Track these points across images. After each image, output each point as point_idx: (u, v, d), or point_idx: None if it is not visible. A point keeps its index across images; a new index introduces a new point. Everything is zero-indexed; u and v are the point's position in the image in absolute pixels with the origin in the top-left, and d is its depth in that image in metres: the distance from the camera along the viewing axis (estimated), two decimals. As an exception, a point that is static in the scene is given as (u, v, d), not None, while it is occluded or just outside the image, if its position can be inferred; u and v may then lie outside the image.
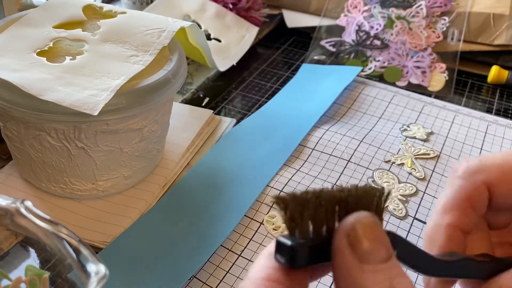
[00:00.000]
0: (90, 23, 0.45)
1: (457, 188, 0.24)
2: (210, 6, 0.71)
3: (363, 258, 0.18)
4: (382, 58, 0.66)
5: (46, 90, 0.36)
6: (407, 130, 0.55)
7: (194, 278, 0.38)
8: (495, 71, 0.66)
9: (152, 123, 0.42)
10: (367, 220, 0.19)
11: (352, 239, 0.19)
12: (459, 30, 0.67)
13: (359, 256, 0.18)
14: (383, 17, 0.68)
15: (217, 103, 0.60)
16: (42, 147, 0.40)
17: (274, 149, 0.50)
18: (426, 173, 0.49)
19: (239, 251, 0.40)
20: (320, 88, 0.61)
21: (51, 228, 0.27)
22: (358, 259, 0.18)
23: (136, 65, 0.40)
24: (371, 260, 0.18)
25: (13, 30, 0.42)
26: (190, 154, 0.50)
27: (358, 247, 0.18)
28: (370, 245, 0.18)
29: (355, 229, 0.19)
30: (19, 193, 0.44)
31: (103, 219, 0.42)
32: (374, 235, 0.19)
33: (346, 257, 0.19)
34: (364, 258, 0.18)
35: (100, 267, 0.25)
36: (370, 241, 0.19)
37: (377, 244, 0.19)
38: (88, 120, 0.37)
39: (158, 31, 0.43)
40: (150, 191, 0.45)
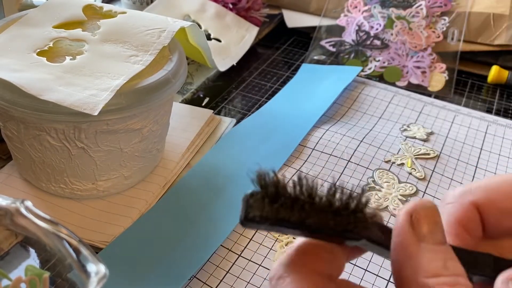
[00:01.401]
0: (90, 23, 0.45)
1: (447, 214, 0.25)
2: (210, 6, 0.71)
3: (422, 237, 0.20)
4: (382, 58, 0.66)
5: (46, 90, 0.36)
6: (407, 130, 0.55)
7: (194, 278, 0.38)
8: (495, 71, 0.66)
9: (152, 123, 0.42)
10: (429, 205, 0.21)
11: (414, 219, 0.20)
12: (459, 30, 0.67)
13: (418, 235, 0.20)
14: (383, 17, 0.68)
15: (217, 103, 0.60)
16: (42, 147, 0.40)
17: (274, 149, 0.50)
18: (426, 173, 0.49)
19: (239, 251, 0.40)
20: (320, 88, 0.61)
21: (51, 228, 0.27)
22: (417, 237, 0.20)
23: (136, 65, 0.40)
24: (429, 240, 0.20)
25: (13, 30, 0.42)
26: (190, 154, 0.50)
27: (419, 226, 0.20)
28: (429, 226, 0.20)
29: (418, 210, 0.20)
30: (19, 193, 0.44)
31: (103, 219, 0.42)
32: (434, 218, 0.20)
33: (407, 234, 0.20)
34: (423, 237, 0.20)
35: (100, 267, 0.25)
36: (430, 223, 0.20)
37: (436, 227, 0.20)
38: (88, 120, 0.37)
39: (158, 31, 0.43)
40: (150, 191, 0.45)
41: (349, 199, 0.20)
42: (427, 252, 0.20)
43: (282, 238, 0.41)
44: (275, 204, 0.19)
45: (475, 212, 0.24)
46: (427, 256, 0.20)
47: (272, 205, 0.19)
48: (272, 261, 0.40)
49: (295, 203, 0.19)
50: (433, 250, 0.20)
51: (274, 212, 0.19)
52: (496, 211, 0.24)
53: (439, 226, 0.21)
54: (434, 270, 0.19)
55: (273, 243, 0.41)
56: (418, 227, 0.20)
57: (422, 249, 0.20)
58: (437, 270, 0.19)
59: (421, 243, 0.20)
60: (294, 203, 0.19)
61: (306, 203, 0.19)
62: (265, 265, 0.39)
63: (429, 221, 0.20)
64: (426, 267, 0.19)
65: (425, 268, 0.19)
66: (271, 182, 0.19)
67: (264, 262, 0.40)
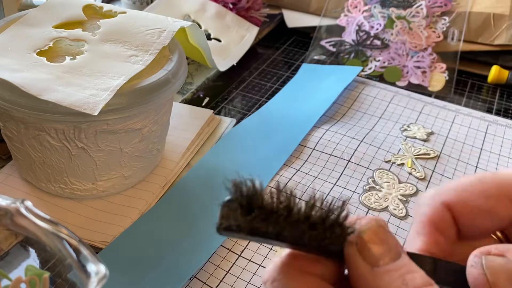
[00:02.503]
0: (90, 23, 0.45)
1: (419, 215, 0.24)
2: (210, 6, 0.71)
3: (373, 262, 0.19)
4: (382, 58, 0.66)
5: (46, 90, 0.36)
6: (407, 130, 0.55)
7: (194, 278, 0.38)
8: (495, 71, 0.66)
9: (152, 123, 0.42)
10: (370, 226, 0.20)
11: (360, 246, 0.20)
12: (459, 30, 0.67)
13: (369, 261, 0.19)
14: (383, 17, 0.68)
15: (217, 103, 0.60)
16: (42, 147, 0.40)
17: (274, 149, 0.50)
18: (426, 173, 0.49)
19: (239, 251, 0.40)
20: (320, 88, 0.61)
21: (51, 228, 0.27)
22: (369, 263, 0.19)
23: (136, 65, 0.40)
24: (380, 262, 0.19)
25: (13, 30, 0.42)
26: (190, 154, 0.50)
27: (366, 252, 0.20)
28: (377, 248, 0.20)
29: (361, 236, 0.20)
30: (19, 193, 0.44)
31: (103, 219, 0.42)
32: (379, 238, 0.20)
33: (358, 264, 0.20)
34: (374, 262, 0.19)
35: (100, 267, 0.25)
36: (377, 244, 0.20)
37: (384, 246, 0.20)
38: (88, 120, 0.37)
39: (158, 31, 0.43)
40: (150, 191, 0.45)
41: (327, 212, 0.19)
42: (383, 276, 0.19)
43: (282, 238, 0.41)
44: (249, 215, 0.19)
45: (446, 213, 0.23)
46: (384, 280, 0.19)
47: (246, 216, 0.19)
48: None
49: (270, 215, 0.19)
50: (387, 271, 0.19)
51: (247, 223, 0.18)
52: (469, 211, 0.23)
53: (387, 241, 0.20)
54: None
55: (273, 243, 0.41)
56: (366, 253, 0.20)
57: (377, 275, 0.19)
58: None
59: (374, 268, 0.19)
60: (269, 215, 0.19)
61: (281, 215, 0.19)
62: (265, 265, 0.39)
63: (375, 242, 0.20)
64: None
65: None
66: (247, 192, 0.19)
67: (264, 262, 0.40)
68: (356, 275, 0.20)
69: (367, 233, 0.20)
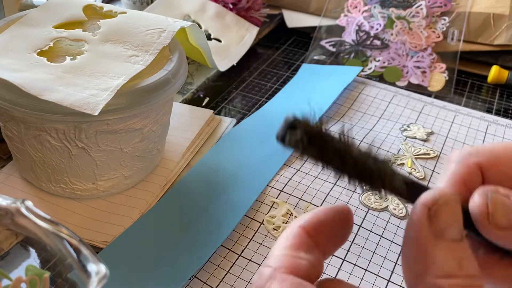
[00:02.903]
0: (90, 23, 0.45)
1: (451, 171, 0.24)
2: (210, 6, 0.71)
3: (438, 233, 0.19)
4: (382, 58, 0.66)
5: (46, 90, 0.36)
6: (407, 130, 0.55)
7: (194, 278, 0.38)
8: (495, 71, 0.66)
9: (152, 123, 0.42)
10: (450, 198, 0.19)
11: (433, 212, 0.19)
12: (459, 30, 0.67)
13: (434, 230, 0.19)
14: (383, 17, 0.68)
15: (217, 103, 0.60)
16: (42, 147, 0.40)
17: (274, 149, 0.50)
18: (426, 173, 0.49)
19: (239, 251, 0.40)
20: (320, 88, 0.61)
21: (51, 228, 0.27)
22: (433, 232, 0.19)
23: (136, 65, 0.40)
24: (446, 236, 0.19)
25: (13, 30, 0.42)
26: (190, 154, 0.50)
27: (437, 221, 0.19)
28: (448, 222, 0.19)
29: (438, 203, 0.19)
30: (19, 193, 0.44)
31: (103, 219, 0.42)
32: (454, 213, 0.19)
33: (423, 228, 0.19)
34: (440, 234, 0.19)
35: (101, 267, 0.25)
36: (449, 218, 0.19)
37: (455, 223, 0.19)
38: (88, 120, 0.37)
39: (158, 31, 0.43)
40: (150, 191, 0.45)
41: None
42: (443, 250, 0.19)
43: (282, 238, 0.41)
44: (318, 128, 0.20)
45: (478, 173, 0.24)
46: (442, 254, 0.19)
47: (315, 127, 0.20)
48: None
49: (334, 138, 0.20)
50: (449, 248, 0.19)
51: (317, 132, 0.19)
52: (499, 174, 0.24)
53: (458, 221, 0.19)
54: (448, 270, 0.18)
55: (273, 243, 0.41)
56: (436, 221, 0.19)
57: (437, 246, 0.19)
58: (451, 270, 0.18)
59: (437, 240, 0.19)
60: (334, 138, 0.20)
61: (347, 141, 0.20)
62: (265, 265, 0.39)
63: (449, 216, 0.19)
64: (440, 266, 0.19)
65: (439, 267, 0.19)
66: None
67: (264, 262, 0.40)
68: (415, 241, 0.19)
69: (445, 203, 0.19)
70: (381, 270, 0.39)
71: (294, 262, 0.20)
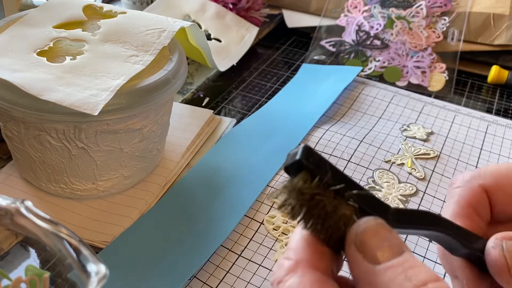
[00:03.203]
0: (90, 23, 0.45)
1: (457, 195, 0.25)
2: (210, 6, 0.71)
3: (373, 259, 0.19)
4: (382, 58, 0.66)
5: (46, 90, 0.36)
6: (407, 130, 0.55)
7: (194, 278, 0.38)
8: (495, 71, 0.66)
9: (152, 123, 0.42)
10: (368, 225, 0.20)
11: (359, 245, 0.19)
12: (459, 30, 0.67)
13: (370, 259, 0.19)
14: (383, 17, 0.68)
15: (217, 103, 0.60)
16: (42, 147, 0.40)
17: (274, 149, 0.50)
18: (426, 173, 0.49)
19: (239, 251, 0.40)
20: (320, 88, 0.61)
21: (51, 228, 0.27)
22: (370, 262, 0.19)
23: (136, 65, 0.40)
24: (381, 259, 0.19)
25: (13, 30, 0.42)
26: (190, 154, 0.50)
27: (366, 251, 0.19)
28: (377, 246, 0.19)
29: (359, 236, 0.20)
30: (19, 193, 0.44)
31: (103, 219, 0.42)
32: (378, 236, 0.20)
33: (359, 263, 0.19)
34: (375, 260, 0.19)
35: (100, 267, 0.25)
36: (376, 243, 0.19)
37: (384, 243, 0.19)
38: (88, 120, 0.37)
39: (158, 31, 0.43)
40: (150, 191, 0.45)
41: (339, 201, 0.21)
42: (385, 273, 0.19)
43: (282, 238, 0.41)
44: None
45: (484, 196, 0.24)
46: (386, 277, 0.19)
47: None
48: (272, 261, 0.40)
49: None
50: (389, 268, 0.19)
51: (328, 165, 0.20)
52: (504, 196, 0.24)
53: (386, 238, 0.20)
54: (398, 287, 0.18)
55: (273, 243, 0.41)
56: (366, 251, 0.19)
57: (379, 272, 0.19)
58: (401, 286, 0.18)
59: (375, 266, 0.19)
60: None
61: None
62: (265, 265, 0.39)
63: (374, 241, 0.19)
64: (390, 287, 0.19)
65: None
66: None
67: (264, 262, 0.40)
68: (358, 274, 0.20)
69: (365, 232, 0.20)
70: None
71: (316, 255, 0.20)
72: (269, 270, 0.39)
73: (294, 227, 0.42)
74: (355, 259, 0.20)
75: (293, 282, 0.20)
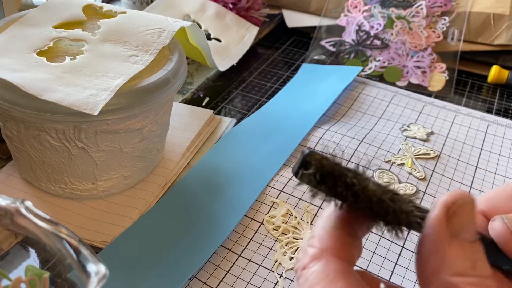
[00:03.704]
0: (90, 23, 0.45)
1: None
2: (210, 6, 0.71)
3: (455, 232, 0.19)
4: (382, 58, 0.66)
5: (46, 90, 0.36)
6: (407, 130, 0.55)
7: (194, 278, 0.38)
8: (495, 71, 0.66)
9: (152, 123, 0.42)
10: (469, 200, 0.20)
11: (451, 212, 0.19)
12: (459, 30, 0.67)
13: (451, 230, 0.19)
14: (383, 17, 0.68)
15: (217, 103, 0.60)
16: (42, 147, 0.40)
17: (274, 149, 0.50)
18: (426, 173, 0.49)
19: (239, 251, 0.40)
20: (320, 88, 0.61)
21: (51, 228, 0.27)
22: (450, 232, 0.19)
23: (136, 65, 0.40)
24: (461, 236, 0.19)
25: (13, 30, 0.42)
26: (190, 154, 0.50)
27: (455, 221, 0.19)
28: (465, 222, 0.19)
29: (457, 203, 0.19)
30: (19, 193, 0.44)
31: (103, 219, 0.42)
32: (471, 214, 0.20)
33: (440, 227, 0.19)
34: (456, 233, 0.19)
35: (100, 267, 0.25)
36: (466, 219, 0.20)
37: (471, 224, 0.20)
38: (88, 120, 0.37)
39: (158, 31, 0.43)
40: (150, 191, 0.45)
41: None
42: (458, 249, 0.19)
43: (282, 238, 0.41)
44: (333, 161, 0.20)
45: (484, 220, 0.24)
46: (457, 254, 0.19)
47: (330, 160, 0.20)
48: (272, 261, 0.40)
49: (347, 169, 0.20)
50: (464, 248, 0.19)
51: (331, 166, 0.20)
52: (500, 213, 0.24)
53: (474, 223, 0.20)
54: (462, 269, 0.19)
55: (273, 243, 0.41)
56: (454, 221, 0.19)
57: (453, 245, 0.19)
58: (465, 270, 0.19)
59: (453, 239, 0.19)
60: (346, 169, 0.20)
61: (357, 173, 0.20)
62: (265, 265, 0.39)
63: (466, 217, 0.20)
64: (454, 264, 0.19)
65: (453, 266, 0.19)
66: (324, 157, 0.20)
67: (264, 262, 0.40)
68: (432, 239, 0.20)
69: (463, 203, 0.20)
70: (381, 270, 0.39)
71: (340, 243, 0.21)
72: (269, 270, 0.39)
73: (294, 227, 0.42)
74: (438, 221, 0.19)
75: (316, 269, 0.20)
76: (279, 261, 0.40)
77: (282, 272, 0.39)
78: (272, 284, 0.38)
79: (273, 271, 0.39)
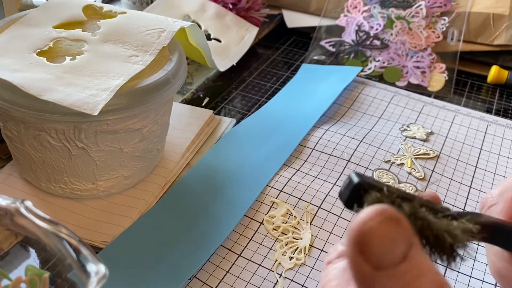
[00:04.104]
0: (90, 23, 0.45)
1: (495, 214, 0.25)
2: (210, 6, 0.71)
3: (376, 264, 0.17)
4: (382, 58, 0.66)
5: (46, 90, 0.36)
6: (407, 130, 0.55)
7: (194, 278, 0.38)
8: (495, 71, 0.66)
9: (152, 123, 0.42)
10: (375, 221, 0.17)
11: (361, 246, 0.17)
12: (459, 30, 0.67)
13: (372, 263, 0.17)
14: (383, 17, 0.68)
15: (217, 103, 0.60)
16: (42, 147, 0.40)
17: (274, 149, 0.50)
18: (426, 173, 0.49)
19: (239, 251, 0.40)
20: (320, 88, 0.61)
21: (51, 228, 0.27)
22: (371, 266, 0.17)
23: (136, 65, 0.40)
24: (385, 263, 0.17)
25: (13, 30, 0.42)
26: (190, 154, 0.50)
27: (369, 252, 0.17)
28: (382, 247, 0.17)
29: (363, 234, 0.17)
30: (19, 193, 0.44)
31: (103, 219, 0.42)
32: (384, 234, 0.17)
33: (359, 267, 0.17)
34: (378, 264, 0.17)
35: (100, 267, 0.25)
36: (381, 243, 0.17)
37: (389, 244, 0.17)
38: (88, 120, 0.37)
39: (158, 31, 0.43)
40: (150, 191, 0.45)
41: None
42: (387, 280, 0.17)
43: (281, 238, 0.41)
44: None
45: None
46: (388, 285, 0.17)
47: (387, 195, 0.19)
48: (272, 261, 0.40)
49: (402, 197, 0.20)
50: (392, 276, 0.17)
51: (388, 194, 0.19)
52: None
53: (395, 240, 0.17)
54: None
55: (272, 243, 0.41)
56: (368, 253, 0.17)
57: (380, 279, 0.17)
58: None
59: (376, 273, 0.17)
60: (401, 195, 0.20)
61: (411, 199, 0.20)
62: (265, 265, 0.39)
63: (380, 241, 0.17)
64: None
65: None
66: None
67: (264, 262, 0.40)
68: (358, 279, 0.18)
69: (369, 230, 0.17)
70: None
71: None
72: (269, 270, 0.39)
73: (294, 227, 0.42)
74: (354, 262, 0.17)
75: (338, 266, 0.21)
76: (279, 261, 0.40)
77: (282, 272, 0.39)
78: (271, 284, 0.38)
79: (273, 271, 0.39)
